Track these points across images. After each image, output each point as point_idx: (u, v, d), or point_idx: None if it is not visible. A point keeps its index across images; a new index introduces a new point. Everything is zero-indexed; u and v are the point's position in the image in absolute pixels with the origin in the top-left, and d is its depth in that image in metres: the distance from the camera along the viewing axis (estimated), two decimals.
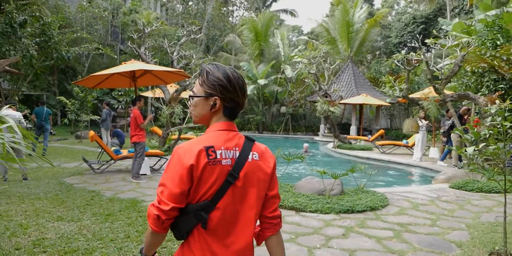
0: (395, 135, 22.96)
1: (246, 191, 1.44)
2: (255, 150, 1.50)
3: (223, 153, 1.41)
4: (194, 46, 33.69)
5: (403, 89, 9.81)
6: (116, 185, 7.22)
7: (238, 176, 1.42)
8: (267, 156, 1.54)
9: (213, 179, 1.38)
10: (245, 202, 1.45)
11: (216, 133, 1.46)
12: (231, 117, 1.51)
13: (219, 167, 1.39)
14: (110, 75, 8.55)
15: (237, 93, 1.47)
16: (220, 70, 1.48)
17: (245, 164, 1.44)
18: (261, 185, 1.49)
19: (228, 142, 1.45)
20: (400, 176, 10.67)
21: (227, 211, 1.41)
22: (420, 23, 30.44)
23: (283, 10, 43.61)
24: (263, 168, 1.49)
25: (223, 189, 1.39)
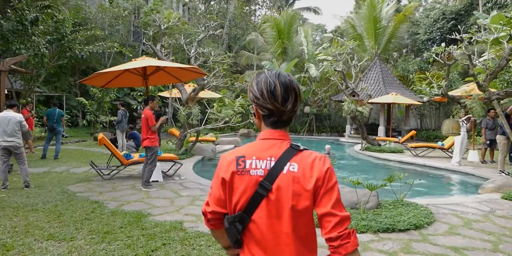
0: (426, 136, 21.69)
1: (280, 205, 1.34)
2: (295, 160, 1.37)
3: (254, 163, 1.38)
4: (216, 45, 33.18)
5: (443, 86, 8.78)
6: (123, 194, 6.53)
7: (270, 188, 1.34)
8: (310, 167, 1.37)
9: (242, 189, 1.36)
10: (282, 218, 1.35)
11: (257, 142, 1.46)
12: (273, 125, 1.44)
13: (247, 177, 1.37)
14: (121, 73, 7.92)
15: (266, 99, 1.40)
16: (258, 77, 1.46)
17: (279, 175, 1.35)
18: (299, 201, 1.34)
19: (262, 151, 1.41)
20: (439, 183, 9.61)
21: (263, 224, 1.36)
22: (450, 19, 28.87)
23: (306, 8, 42.54)
24: (300, 181, 1.35)
25: (255, 201, 1.35)
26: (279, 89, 1.39)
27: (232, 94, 27.64)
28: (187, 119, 11.28)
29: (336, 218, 1.33)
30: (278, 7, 41.69)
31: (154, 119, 6.90)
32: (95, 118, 18.06)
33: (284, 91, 1.39)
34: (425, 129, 23.60)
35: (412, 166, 11.85)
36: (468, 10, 28.81)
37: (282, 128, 1.45)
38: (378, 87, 20.73)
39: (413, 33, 31.98)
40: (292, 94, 1.41)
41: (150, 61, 7.47)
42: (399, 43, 31.99)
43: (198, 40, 11.75)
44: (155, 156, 6.91)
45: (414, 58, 30.04)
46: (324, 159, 1.40)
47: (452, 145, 13.11)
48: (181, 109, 11.26)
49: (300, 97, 1.48)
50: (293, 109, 1.43)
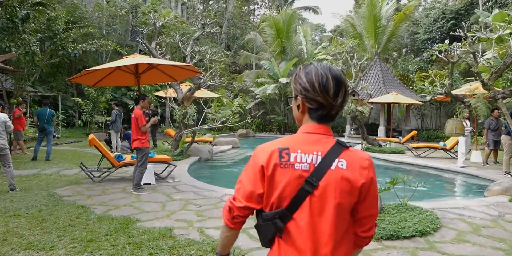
0: (427, 136, 21.43)
1: (325, 202, 1.29)
2: (343, 157, 1.33)
3: (299, 157, 1.32)
4: (214, 44, 32.88)
5: (446, 84, 8.48)
6: (113, 198, 6.21)
7: (317, 185, 1.29)
8: (359, 166, 1.33)
9: (285, 183, 1.30)
10: (324, 215, 1.29)
11: (299, 135, 1.40)
12: (320, 119, 1.39)
13: (291, 170, 1.31)
14: (112, 71, 7.60)
15: (317, 92, 1.34)
16: (307, 68, 1.42)
17: (327, 171, 1.30)
18: (345, 199, 1.30)
19: (308, 145, 1.35)
20: (443, 185, 9.31)
21: (303, 222, 1.30)
22: (450, 19, 28.59)
23: (305, 8, 42.19)
24: (349, 179, 1.30)
25: (299, 198, 1.29)
26: (331, 82, 1.34)
27: (231, 94, 27.36)
28: (183, 119, 10.97)
29: (375, 218, 1.41)
30: (277, 7, 41.41)
31: (145, 119, 6.60)
32: (90, 118, 17.75)
33: (336, 84, 1.35)
34: (425, 129, 23.31)
35: (413, 167, 11.55)
36: (468, 9, 28.53)
37: (327, 123, 1.41)
38: (378, 86, 20.43)
39: (412, 32, 31.71)
40: (342, 88, 1.38)
41: (142, 58, 7.16)
42: (399, 42, 31.71)
43: (193, 38, 11.45)
44: (145, 158, 6.60)
45: (414, 57, 29.78)
46: (371, 162, 1.38)
47: (455, 145, 12.84)
48: (176, 109, 10.95)
49: (348, 91, 1.44)
50: (342, 103, 1.38)
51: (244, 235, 4.41)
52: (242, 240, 4.23)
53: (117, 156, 7.74)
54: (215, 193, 6.58)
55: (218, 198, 6.26)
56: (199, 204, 5.84)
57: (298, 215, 1.31)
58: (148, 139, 6.70)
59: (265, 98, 25.14)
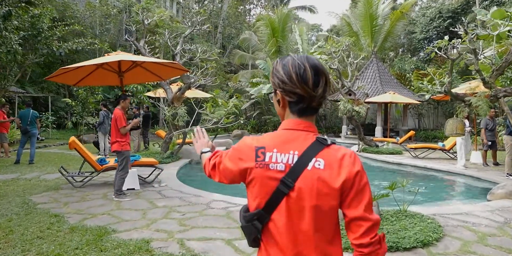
0: (424, 136, 21.08)
1: (303, 205, 1.23)
2: (321, 156, 1.25)
3: (274, 156, 1.27)
4: (209, 44, 32.47)
5: (446, 83, 8.11)
6: (91, 205, 5.79)
7: (293, 186, 1.23)
8: (338, 165, 1.24)
9: (260, 184, 1.27)
10: (302, 217, 1.24)
11: (279, 132, 1.34)
12: (301, 113, 1.31)
13: (266, 171, 1.26)
14: (94, 69, 7.18)
15: (295, 83, 1.27)
16: (283, 60, 1.34)
17: (302, 172, 1.23)
18: (323, 201, 1.23)
19: (285, 144, 1.28)
20: (443, 188, 8.93)
21: (282, 224, 1.25)
22: (447, 18, 28.30)
23: (301, 7, 41.84)
24: (326, 179, 1.22)
25: (275, 199, 1.25)
26: (309, 72, 1.27)
27: (226, 94, 26.95)
28: (173, 120, 10.56)
29: (368, 223, 1.24)
30: (272, 6, 41.07)
31: (125, 121, 6.18)
32: (80, 119, 17.29)
33: (314, 74, 1.28)
34: (423, 129, 22.97)
35: (412, 168, 11.18)
36: (465, 8, 28.25)
37: (309, 118, 1.33)
38: (375, 86, 20.07)
39: (409, 32, 31.40)
40: (322, 78, 1.30)
41: (124, 55, 6.74)
42: (396, 42, 31.43)
43: (184, 36, 11.04)
44: (126, 162, 6.18)
45: (410, 57, 29.48)
46: (354, 157, 1.28)
47: (454, 146, 12.49)
48: (165, 109, 10.54)
49: (330, 81, 1.35)
50: (324, 94, 1.31)
51: (229, 248, 4.01)
52: (228, 254, 3.83)
53: (100, 160, 7.31)
54: (202, 199, 6.17)
55: (205, 204, 5.85)
56: (183, 211, 5.43)
57: (275, 216, 1.27)
58: (129, 142, 6.29)
59: (261, 98, 24.75)
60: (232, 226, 4.77)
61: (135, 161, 7.38)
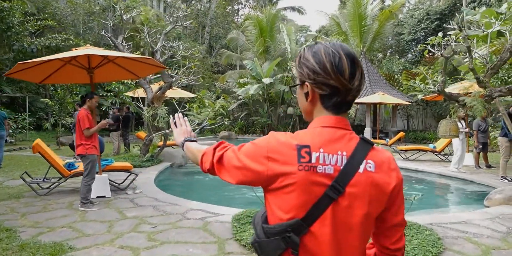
0: (414, 138, 20.82)
1: (351, 212, 1.07)
2: (371, 158, 1.11)
3: (322, 157, 1.06)
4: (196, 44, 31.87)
5: (439, 82, 7.71)
6: (52, 216, 5.19)
7: (343, 191, 1.06)
8: (388, 168, 1.13)
9: (300, 190, 1.05)
10: (350, 227, 1.08)
11: (319, 130, 1.12)
12: (337, 108, 1.14)
13: (312, 175, 1.05)
14: (62, 65, 6.57)
15: (329, 74, 1.10)
16: (313, 48, 1.16)
17: (355, 175, 1.07)
18: (374, 207, 1.10)
19: (332, 143, 1.09)
20: (437, 192, 8.52)
21: (324, 236, 1.06)
22: (435, 19, 28.28)
23: (290, 8, 41.56)
24: (379, 183, 1.09)
25: (320, 206, 1.05)
26: (345, 61, 1.10)
27: (213, 95, 26.39)
28: (152, 121, 9.98)
29: (403, 227, 1.21)
30: (261, 7, 40.67)
31: (90, 122, 5.58)
32: (59, 120, 16.55)
33: (351, 64, 1.11)
34: (412, 130, 22.71)
35: (403, 171, 10.74)
36: (452, 10, 28.27)
37: (345, 115, 1.17)
38: (364, 86, 19.67)
39: (397, 33, 31.31)
40: (359, 68, 1.13)
41: (94, 49, 6.15)
42: (384, 43, 31.31)
43: (165, 32, 10.47)
44: (91, 167, 5.58)
45: (398, 58, 29.36)
46: (395, 161, 1.16)
47: (445, 147, 12.15)
48: (145, 110, 9.95)
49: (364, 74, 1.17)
50: (360, 87, 1.14)
51: None
52: None
53: (68, 164, 6.70)
54: (178, 208, 5.61)
55: (180, 214, 5.29)
56: (155, 223, 4.86)
57: (317, 227, 1.06)
58: (95, 144, 5.67)
59: (248, 99, 24.25)
60: (208, 240, 4.24)
61: (107, 166, 6.79)
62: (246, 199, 7.08)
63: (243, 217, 4.62)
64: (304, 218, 1.06)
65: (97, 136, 5.87)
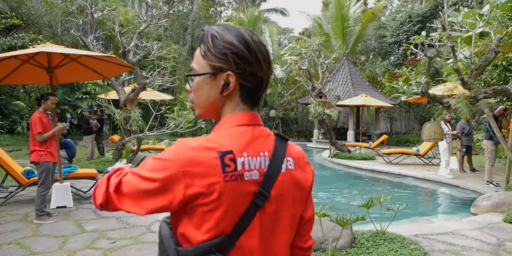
0: (397, 140, 20.71)
1: (278, 217, 0.97)
2: (289, 154, 1.01)
3: (247, 162, 0.92)
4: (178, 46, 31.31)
5: (423, 83, 7.44)
6: (2, 230, 4.65)
7: (269, 196, 0.93)
8: (304, 163, 1.05)
9: (229, 203, 0.88)
10: (277, 233, 0.98)
11: (235, 130, 0.96)
12: (254, 104, 1.02)
13: (240, 184, 0.89)
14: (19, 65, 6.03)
15: (261, 65, 0.97)
16: (232, 31, 0.97)
17: (278, 176, 0.96)
18: (297, 207, 1.03)
19: (253, 144, 0.95)
20: (420, 198, 8.23)
21: (252, 249, 0.93)
22: (417, 22, 28.47)
23: (273, 9, 41.42)
24: (300, 181, 1.01)
25: (247, 216, 0.91)
26: (264, 48, 0.99)
27: None
28: (125, 125, 9.46)
29: (312, 223, 1.14)
30: (244, 9, 40.39)
31: (43, 126, 5.07)
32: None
33: (267, 51, 1.01)
34: (395, 133, 22.61)
35: (386, 175, 10.49)
36: (434, 12, 28.52)
37: (256, 109, 1.06)
38: (347, 88, 19.51)
39: (380, 36, 31.43)
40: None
41: (53, 47, 5.64)
42: (367, 45, 31.38)
43: (138, 32, 9.98)
44: (45, 176, 5.05)
45: (381, 61, 29.43)
46: (303, 152, 1.09)
47: (428, 151, 11.95)
48: (117, 112, 9.42)
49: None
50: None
51: None
52: None
53: (27, 172, 6.16)
54: (144, 220, 5.14)
55: (145, 227, 4.83)
56: (115, 237, 4.39)
57: (244, 241, 0.92)
58: (52, 150, 5.16)
59: None
60: None
61: (69, 173, 6.28)
62: None
63: None
64: (231, 233, 0.91)
65: (54, 141, 5.35)
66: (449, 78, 13.39)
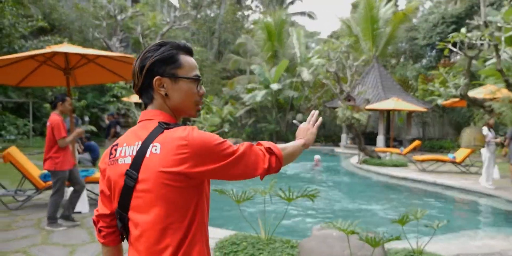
0: (430, 146, 19.73)
1: (148, 197, 1.13)
2: (159, 140, 1.14)
3: (123, 151, 1.21)
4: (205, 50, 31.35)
5: (462, 85, 6.85)
6: (12, 236, 4.47)
7: (137, 177, 1.14)
8: (174, 145, 1.12)
9: (114, 181, 1.21)
10: (149, 211, 1.14)
11: (134, 126, 1.30)
12: (144, 103, 1.29)
13: (116, 167, 1.20)
14: (38, 66, 5.91)
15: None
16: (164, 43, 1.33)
17: (143, 161, 1.14)
18: (165, 188, 1.12)
19: (132, 135, 1.23)
20: (459, 210, 7.60)
21: (135, 221, 1.17)
22: (451, 23, 27.26)
23: (300, 13, 41.00)
24: (164, 164, 1.11)
25: (125, 194, 1.17)
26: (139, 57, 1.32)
27: (221, 101, 25.75)
28: None
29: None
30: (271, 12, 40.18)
31: (65, 130, 4.81)
32: None
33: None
34: (428, 139, 21.63)
35: (420, 184, 9.84)
36: (469, 13, 27.27)
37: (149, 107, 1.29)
38: (377, 92, 18.81)
39: (411, 38, 30.39)
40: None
41: (68, 47, 5.48)
42: (397, 48, 30.42)
43: (161, 33, 9.84)
44: (60, 185, 4.76)
45: (413, 64, 28.39)
46: (190, 135, 1.13)
47: (465, 158, 11.16)
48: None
49: None
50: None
51: None
52: None
53: (44, 175, 6.02)
54: None
55: None
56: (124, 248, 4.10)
57: (131, 214, 1.18)
58: (68, 158, 4.86)
59: (256, 105, 23.52)
60: None
61: (86, 177, 6.09)
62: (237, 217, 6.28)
63: (227, 245, 3.84)
64: (119, 206, 1.19)
65: (69, 147, 5.12)
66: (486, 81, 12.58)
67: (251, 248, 3.81)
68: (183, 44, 1.27)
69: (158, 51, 1.22)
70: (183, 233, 1.14)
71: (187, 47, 1.28)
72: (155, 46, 1.24)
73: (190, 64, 1.25)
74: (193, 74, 1.25)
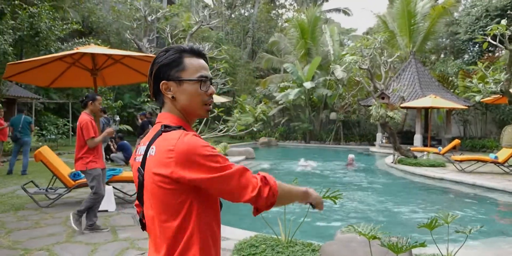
0: (471, 146, 18.77)
1: (148, 194, 1.24)
2: (156, 143, 1.23)
3: (140, 149, 1.31)
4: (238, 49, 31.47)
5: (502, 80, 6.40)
6: (39, 234, 4.58)
7: (143, 174, 1.25)
8: (165, 149, 1.17)
9: (134, 176, 1.34)
10: (149, 207, 1.25)
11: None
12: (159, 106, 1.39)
13: (135, 163, 1.33)
14: (68, 67, 6.06)
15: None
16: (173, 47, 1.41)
17: (146, 160, 1.24)
18: (153, 188, 1.21)
19: (148, 136, 1.31)
20: (499, 214, 7.13)
21: (145, 214, 1.28)
22: (495, 16, 25.72)
23: (335, 9, 40.25)
24: (155, 165, 1.19)
25: (139, 189, 1.29)
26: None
27: (254, 100, 25.73)
28: None
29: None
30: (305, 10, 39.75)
31: (95, 130, 4.82)
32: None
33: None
34: (469, 138, 20.61)
35: (457, 185, 9.35)
36: None
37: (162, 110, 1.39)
38: (414, 89, 18.13)
39: (452, 33, 29.02)
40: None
41: (94, 48, 5.57)
42: (437, 43, 29.17)
43: (190, 33, 9.90)
44: (96, 183, 4.70)
45: (453, 60, 27.12)
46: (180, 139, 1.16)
47: (509, 158, 10.51)
48: None
49: None
50: None
51: None
52: None
53: (73, 174, 6.17)
54: None
55: None
56: (145, 248, 4.10)
57: (144, 207, 1.29)
58: (99, 157, 4.89)
59: (289, 104, 23.31)
60: None
61: (113, 176, 6.20)
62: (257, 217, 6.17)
63: (246, 247, 3.74)
64: (138, 199, 1.32)
65: (101, 147, 5.17)
66: None
67: (270, 250, 3.70)
68: (189, 47, 1.31)
69: (163, 56, 1.28)
70: (174, 232, 1.17)
71: (194, 49, 1.32)
72: (162, 52, 1.31)
73: (195, 66, 1.29)
74: (198, 75, 1.28)
